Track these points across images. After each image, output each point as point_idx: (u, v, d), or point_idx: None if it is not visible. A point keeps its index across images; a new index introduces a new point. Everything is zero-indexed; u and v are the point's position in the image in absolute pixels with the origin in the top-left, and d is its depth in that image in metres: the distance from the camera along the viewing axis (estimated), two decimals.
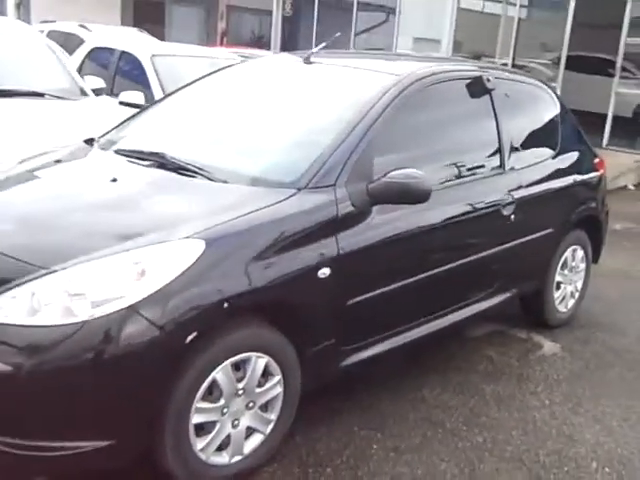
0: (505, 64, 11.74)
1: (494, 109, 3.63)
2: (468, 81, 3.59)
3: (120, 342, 2.16)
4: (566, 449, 3.03)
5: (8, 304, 2.20)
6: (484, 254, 3.48)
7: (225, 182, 2.74)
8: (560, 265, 4.22)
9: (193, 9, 16.60)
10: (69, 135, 4.13)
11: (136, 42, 7.41)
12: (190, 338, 2.27)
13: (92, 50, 7.35)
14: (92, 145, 3.35)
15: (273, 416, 2.67)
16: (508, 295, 3.86)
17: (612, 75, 11.03)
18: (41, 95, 4.80)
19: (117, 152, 3.14)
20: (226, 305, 2.35)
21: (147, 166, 2.91)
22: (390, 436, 3.01)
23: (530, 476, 2.82)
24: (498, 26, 12.47)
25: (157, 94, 6.27)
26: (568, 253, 4.27)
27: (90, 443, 2.20)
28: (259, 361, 2.54)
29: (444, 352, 3.85)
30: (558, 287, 4.28)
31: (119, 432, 2.24)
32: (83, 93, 5.10)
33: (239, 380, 2.50)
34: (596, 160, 4.54)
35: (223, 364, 2.41)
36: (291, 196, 2.64)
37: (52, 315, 2.17)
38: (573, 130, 4.40)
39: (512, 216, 3.60)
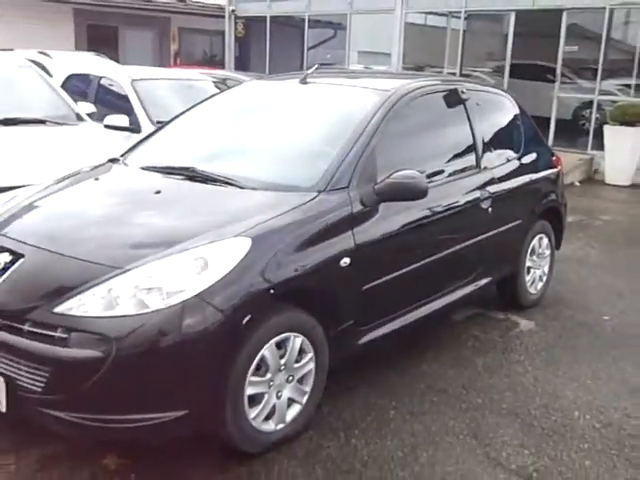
0: (453, 73, 12.45)
1: (468, 116, 4.16)
2: (446, 93, 4.12)
3: (190, 325, 2.57)
4: (551, 403, 3.55)
5: (89, 300, 2.59)
6: (468, 243, 3.99)
7: (254, 189, 3.17)
8: (529, 252, 4.77)
9: (146, 32, 16.90)
10: (79, 156, 4.51)
11: (114, 68, 7.74)
12: (245, 320, 2.69)
13: (69, 77, 7.64)
14: (119, 163, 3.74)
15: (308, 388, 3.10)
16: (488, 280, 4.37)
17: (552, 81, 11.82)
18: (43, 122, 5.13)
19: (146, 168, 3.53)
20: (272, 291, 2.78)
21: (181, 179, 3.31)
22: (403, 404, 3.46)
23: (524, 425, 3.32)
24: (445, 38, 13.18)
25: (140, 116, 6.65)
26: (535, 241, 4.82)
27: (169, 413, 2.59)
28: (296, 340, 2.97)
29: (435, 334, 4.34)
30: (528, 272, 4.83)
31: (191, 403, 2.64)
32: (79, 118, 5.44)
33: (281, 357, 2.92)
34: (553, 158, 5.13)
35: (269, 343, 2.84)
36: (313, 198, 3.09)
37: (128, 307, 2.56)
38: (533, 132, 4.98)
39: (489, 209, 4.12)
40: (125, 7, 15.89)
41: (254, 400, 2.86)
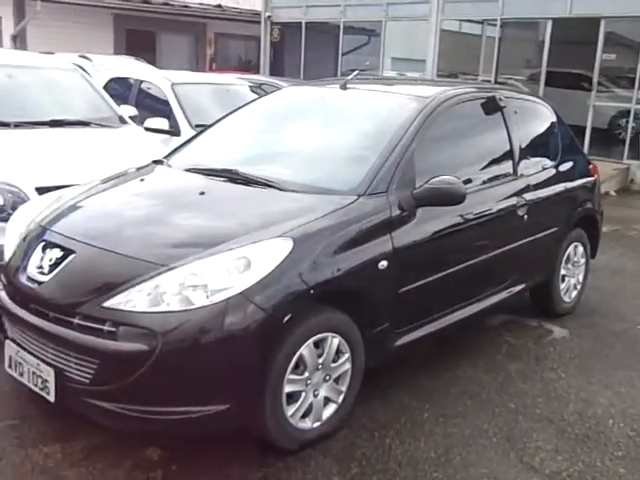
0: (488, 81, 12.43)
1: (506, 123, 4.19)
2: (483, 101, 4.16)
3: (233, 323, 2.65)
4: (585, 410, 3.56)
5: (136, 296, 2.68)
6: (503, 249, 4.01)
7: (294, 191, 3.25)
8: (564, 260, 4.77)
9: (182, 37, 17.17)
10: (122, 158, 4.64)
11: (154, 72, 7.90)
12: (286, 319, 2.77)
13: (110, 80, 7.81)
14: (163, 165, 3.85)
15: (344, 388, 3.16)
16: (522, 287, 4.39)
17: (588, 89, 11.73)
18: (87, 124, 5.28)
19: (189, 170, 3.63)
20: (312, 292, 2.85)
21: (224, 181, 3.41)
22: (436, 406, 3.50)
23: (558, 431, 3.34)
24: (480, 45, 13.17)
25: (180, 119, 6.79)
26: (571, 249, 4.83)
27: (210, 407, 2.68)
28: (334, 340, 3.03)
29: (468, 339, 4.37)
30: (563, 280, 4.83)
31: (232, 398, 2.72)
32: (122, 121, 5.58)
33: (319, 356, 2.99)
34: (590, 166, 5.12)
35: (308, 342, 2.91)
36: (354, 202, 3.16)
37: (173, 303, 2.66)
38: (570, 140, 4.99)
39: (525, 216, 4.15)
40: (163, 12, 16.17)
41: (292, 398, 2.93)
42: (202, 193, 3.26)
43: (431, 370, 3.89)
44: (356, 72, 4.24)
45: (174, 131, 6.65)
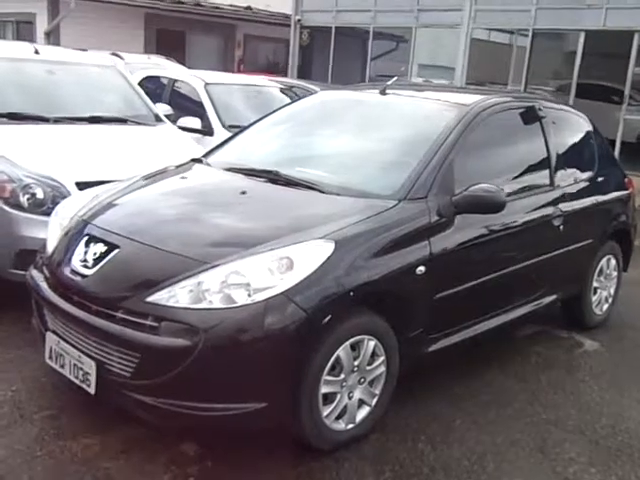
0: (517, 90, 12.37)
1: (544, 133, 4.19)
2: (522, 110, 4.16)
3: (274, 322, 2.67)
4: (618, 424, 3.54)
5: (179, 292, 2.72)
6: (538, 259, 4.00)
7: (336, 194, 3.27)
8: (597, 272, 4.75)
9: (212, 38, 17.26)
10: (158, 155, 4.69)
11: (187, 72, 7.98)
12: (326, 320, 2.79)
13: (144, 79, 7.89)
14: (202, 163, 3.89)
15: (377, 391, 3.17)
16: (555, 297, 4.38)
17: (619, 102, 11.63)
18: (124, 121, 5.34)
19: (229, 169, 3.67)
20: (351, 294, 2.87)
21: (264, 181, 3.44)
22: (468, 414, 3.51)
23: (591, 443, 3.32)
24: (510, 55, 13.12)
25: (213, 119, 6.84)
26: (604, 261, 4.80)
27: (249, 405, 2.71)
28: (370, 343, 3.04)
29: (499, 348, 4.35)
30: (595, 292, 4.81)
31: (270, 396, 2.74)
32: (158, 119, 5.64)
33: (355, 358, 3.00)
34: (625, 179, 5.09)
35: (345, 344, 2.92)
36: (394, 206, 3.18)
37: (216, 301, 2.69)
38: (606, 152, 4.97)
39: (561, 227, 4.14)
40: (194, 13, 16.28)
41: (327, 399, 2.95)
42: (243, 192, 3.29)
43: (461, 378, 3.89)
44: (395, 78, 4.26)
45: (207, 131, 6.71)
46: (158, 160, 4.55)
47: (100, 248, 2.99)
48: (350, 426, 3.08)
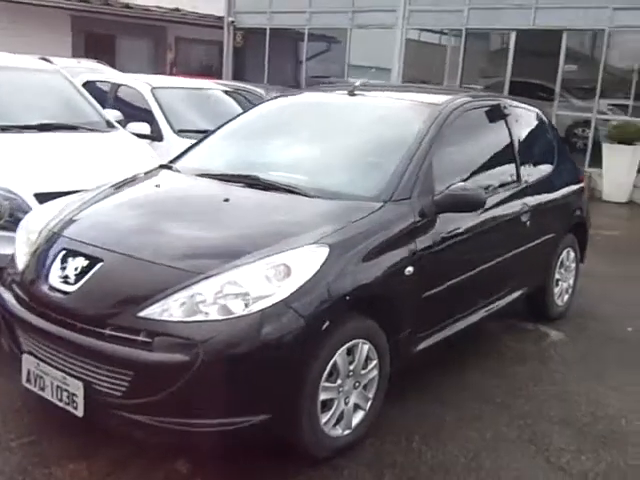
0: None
1: (509, 131, 4.26)
2: (489, 108, 4.22)
3: (274, 331, 2.61)
4: (597, 411, 3.63)
5: (173, 305, 2.62)
6: (510, 254, 4.07)
7: (320, 198, 3.22)
8: (559, 265, 4.87)
9: (142, 40, 16.89)
10: (119, 163, 4.54)
11: (132, 76, 7.75)
12: (325, 326, 2.74)
13: (85, 83, 7.61)
14: (173, 170, 3.77)
15: (371, 395, 3.14)
16: (523, 291, 4.46)
17: (549, 99, 12.02)
18: (75, 128, 5.13)
19: (202, 175, 3.57)
20: (347, 298, 2.84)
21: (242, 187, 3.35)
22: (455, 411, 3.52)
23: (576, 432, 3.39)
24: (445, 54, 13.37)
25: (162, 124, 6.67)
26: (564, 254, 4.93)
27: (252, 418, 2.63)
28: (364, 347, 3.01)
29: (473, 344, 4.40)
30: (557, 284, 4.93)
31: (274, 407, 2.67)
32: (110, 125, 5.45)
33: (350, 363, 2.96)
34: (578, 173, 5.25)
35: (341, 349, 2.88)
36: (381, 208, 3.16)
37: (213, 313, 2.60)
38: (562, 147, 5.10)
39: (528, 222, 4.22)
40: (122, 16, 15.87)
41: (325, 405, 2.90)
42: (226, 200, 3.20)
43: (442, 376, 3.90)
44: (364, 80, 4.25)
45: (156, 136, 6.54)
46: (119, 168, 4.41)
47: (81, 262, 2.84)
48: (347, 432, 3.04)
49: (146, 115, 6.83)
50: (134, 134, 6.19)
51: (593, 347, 4.58)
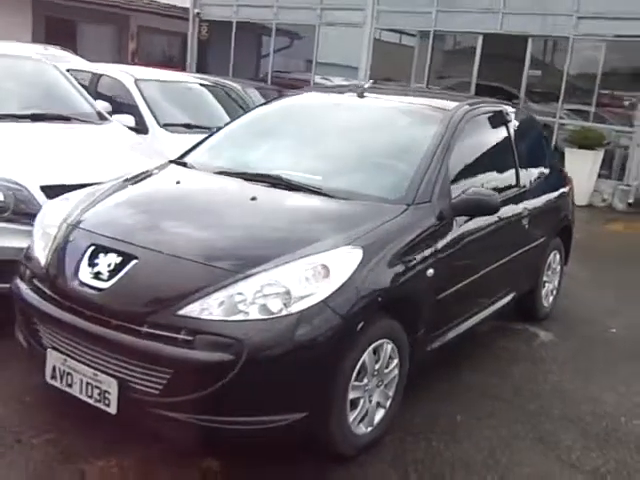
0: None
1: (510, 136, 4.39)
2: (493, 114, 4.33)
3: (313, 330, 2.65)
4: (597, 409, 3.78)
5: (213, 304, 2.62)
6: (510, 257, 4.20)
7: (344, 199, 3.26)
8: (547, 267, 5.04)
9: (104, 28, 16.55)
10: (120, 156, 4.49)
11: (114, 66, 7.62)
12: (360, 326, 2.79)
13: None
14: (187, 166, 3.75)
15: (391, 393, 3.21)
16: (518, 292, 4.60)
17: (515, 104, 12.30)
18: (68, 119, 5.02)
19: (221, 173, 3.56)
20: (379, 299, 2.89)
21: (267, 186, 3.36)
22: (465, 410, 3.62)
23: (581, 430, 3.53)
24: (412, 54, 13.53)
25: (147, 117, 6.57)
26: (552, 256, 5.10)
27: (291, 416, 2.66)
28: (387, 346, 3.08)
29: (467, 346, 4.47)
30: (544, 285, 5.10)
31: (311, 405, 2.71)
32: (102, 117, 5.35)
33: (375, 362, 3.02)
34: (565, 176, 5.44)
35: (369, 349, 2.94)
36: (405, 211, 3.22)
37: (255, 312, 2.62)
38: (552, 152, 5.28)
39: (527, 225, 4.36)
40: (85, 1, 15.52)
41: (352, 404, 2.95)
42: (254, 199, 3.21)
43: (443, 376, 3.97)
44: (371, 81, 4.30)
45: (141, 129, 6.44)
46: (121, 162, 4.38)
47: (114, 259, 2.81)
48: (369, 429, 3.09)
49: (129, 107, 6.72)
50: None
51: (582, 347, 4.75)
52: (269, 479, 2.87)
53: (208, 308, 2.62)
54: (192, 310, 2.62)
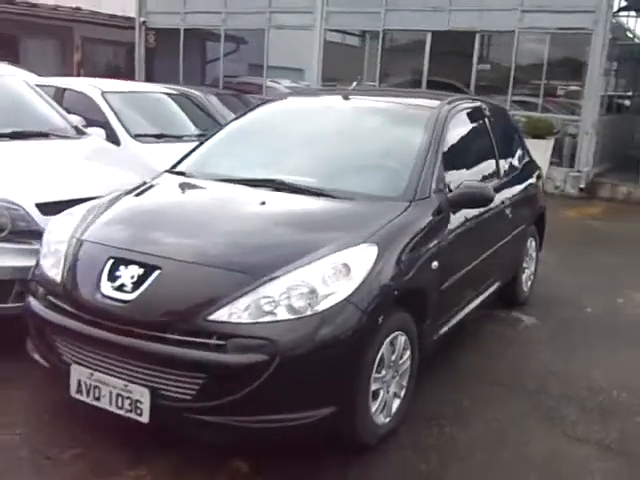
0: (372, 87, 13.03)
1: (489, 130, 4.58)
2: (472, 110, 4.51)
3: (341, 326, 2.75)
4: (590, 385, 3.99)
5: (242, 308, 2.70)
6: (498, 245, 4.39)
7: (349, 199, 3.37)
8: (525, 253, 5.26)
9: (47, 41, 16.23)
10: (108, 170, 4.50)
11: (79, 80, 7.54)
12: (380, 320, 2.91)
13: None
14: (184, 175, 3.80)
15: (405, 382, 3.33)
16: (503, 280, 4.79)
17: None
18: (46, 135, 4.99)
19: (223, 180, 3.63)
20: (396, 293, 3.02)
21: (272, 190, 3.44)
22: (469, 394, 3.78)
23: (579, 406, 3.73)
24: (363, 54, 13.74)
25: (117, 129, 6.53)
26: (529, 243, 5.32)
27: (322, 411, 2.76)
28: (401, 338, 3.20)
29: (459, 333, 4.65)
30: (523, 271, 5.31)
31: (339, 399, 2.81)
32: (78, 132, 5.33)
33: (392, 354, 3.15)
34: (536, 166, 5.68)
35: (386, 341, 3.06)
36: (408, 207, 3.35)
37: (283, 312, 2.70)
38: (523, 141, 5.50)
39: (510, 215, 4.55)
40: (26, 15, 15.18)
41: (373, 395, 3.06)
42: (263, 203, 3.29)
43: (442, 363, 4.10)
44: (355, 83, 4.43)
45: (112, 142, 6.40)
46: (110, 175, 4.40)
47: (136, 271, 2.85)
48: (387, 419, 3.21)
49: (97, 121, 6.67)
50: None
51: (561, 328, 4.98)
52: (298, 475, 2.95)
53: (237, 312, 2.69)
54: (222, 315, 2.69)
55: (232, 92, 11.39)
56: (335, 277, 2.80)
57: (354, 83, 4.45)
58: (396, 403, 3.28)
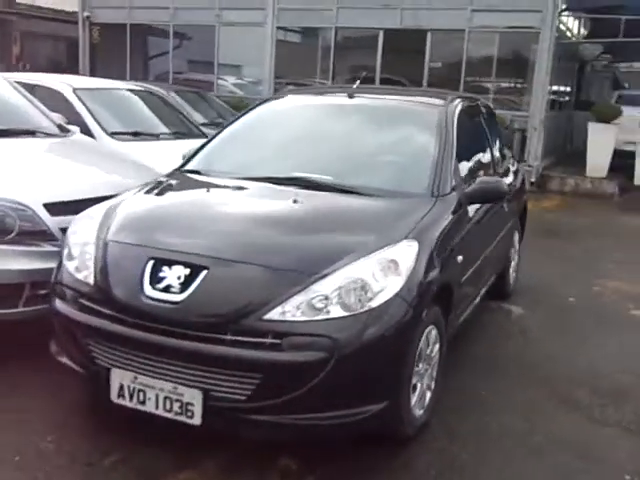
0: (324, 84, 13.10)
1: (485, 126, 4.70)
2: (472, 107, 4.62)
3: (392, 322, 2.79)
4: (594, 369, 4.17)
5: (295, 306, 2.70)
6: (498, 238, 4.52)
7: (377, 196, 3.41)
8: (511, 245, 5.43)
9: None
10: (107, 169, 4.40)
11: (46, 76, 7.27)
12: (424, 314, 2.96)
13: None
14: (201, 174, 3.75)
15: (435, 374, 3.40)
16: (497, 271, 4.93)
17: None
18: (33, 133, 4.82)
19: (247, 179, 3.61)
20: (434, 288, 3.07)
21: (299, 188, 3.44)
22: (484, 380, 3.90)
23: (591, 390, 3.88)
24: (316, 51, 13.77)
25: (92, 126, 6.34)
26: (515, 235, 5.49)
27: (375, 406, 2.79)
28: (433, 331, 3.26)
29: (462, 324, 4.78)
30: (510, 263, 5.48)
31: (388, 395, 2.85)
32: (62, 130, 5.16)
33: (427, 347, 3.21)
34: (515, 160, 5.86)
35: (424, 335, 3.11)
36: (436, 202, 3.42)
37: (335, 310, 2.72)
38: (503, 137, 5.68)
39: (506, 208, 4.69)
40: None
41: (413, 389, 3.11)
42: (295, 201, 3.28)
43: (450, 353, 4.15)
44: (358, 82, 4.46)
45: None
46: (110, 174, 4.31)
47: (182, 271, 2.80)
48: (421, 412, 3.27)
49: (71, 118, 6.46)
50: None
51: (550, 317, 5.17)
52: (348, 468, 2.98)
53: (290, 310, 2.69)
54: (275, 314, 2.68)
55: (193, 89, 11.20)
56: (384, 273, 2.83)
57: (357, 81, 4.48)
58: (428, 395, 3.34)
